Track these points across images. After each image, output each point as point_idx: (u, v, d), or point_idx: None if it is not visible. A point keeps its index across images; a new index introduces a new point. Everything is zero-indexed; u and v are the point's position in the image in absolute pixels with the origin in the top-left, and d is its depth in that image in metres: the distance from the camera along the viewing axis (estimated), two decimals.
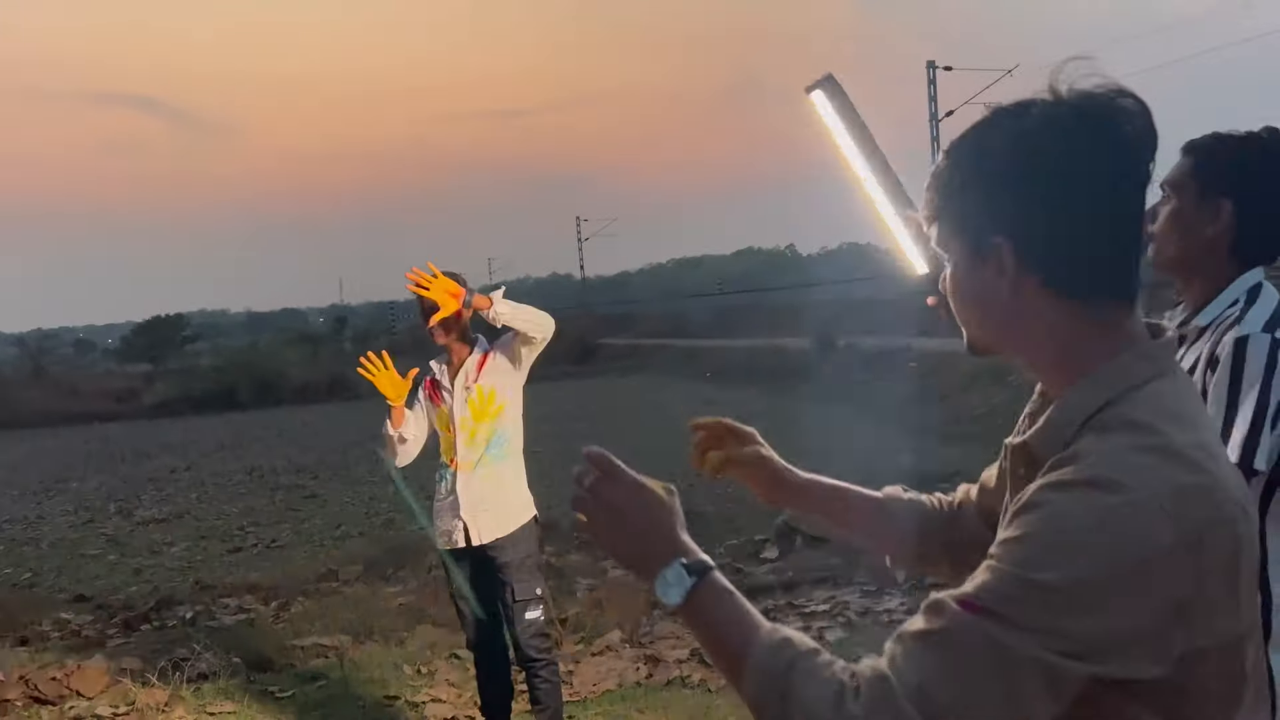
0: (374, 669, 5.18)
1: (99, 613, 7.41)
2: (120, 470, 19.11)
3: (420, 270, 3.63)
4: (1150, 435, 0.90)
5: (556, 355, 39.91)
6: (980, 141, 0.99)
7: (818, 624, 5.52)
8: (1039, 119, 0.95)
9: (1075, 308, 0.97)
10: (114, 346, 70.65)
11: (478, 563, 3.79)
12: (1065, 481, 0.89)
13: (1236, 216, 1.87)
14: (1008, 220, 0.96)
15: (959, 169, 0.99)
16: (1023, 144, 0.95)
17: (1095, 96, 0.95)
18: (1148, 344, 0.98)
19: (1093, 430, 0.93)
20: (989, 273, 0.98)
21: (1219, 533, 0.87)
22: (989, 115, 1.00)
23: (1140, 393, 0.94)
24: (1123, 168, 0.96)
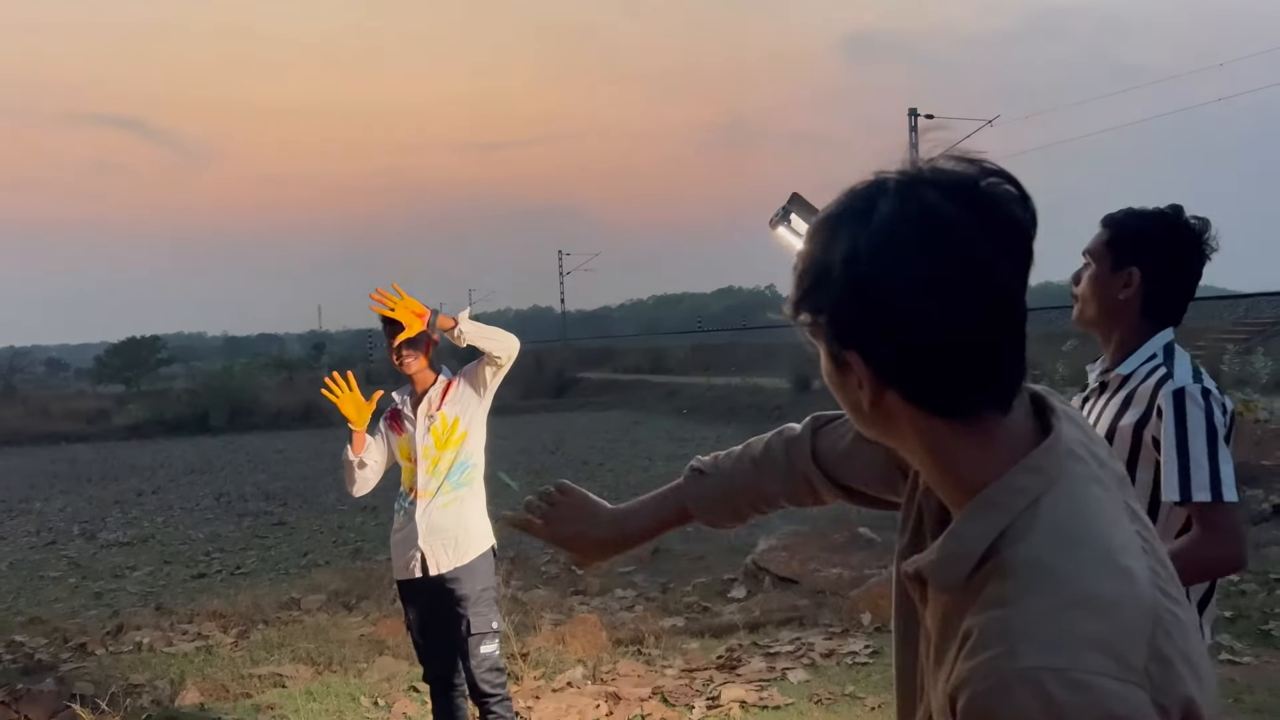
0: (331, 700, 5.10)
1: (54, 636, 7.28)
2: (86, 492, 18.86)
3: (385, 291, 3.62)
4: (1069, 581, 0.84)
5: (534, 388, 39.93)
6: (828, 242, 0.89)
7: (782, 664, 5.48)
8: (884, 223, 0.86)
9: (943, 423, 0.90)
10: (87, 367, 70.00)
11: (435, 594, 3.74)
12: (991, 674, 0.82)
13: (1144, 282, 2.15)
14: (856, 333, 0.88)
15: (808, 272, 0.91)
16: (870, 255, 0.86)
17: (944, 191, 0.86)
18: (1034, 454, 0.90)
19: (996, 573, 0.87)
20: (850, 381, 0.92)
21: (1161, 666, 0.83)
22: (838, 209, 0.90)
23: (1037, 516, 0.88)
24: (979, 268, 0.85)
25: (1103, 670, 0.80)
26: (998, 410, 0.90)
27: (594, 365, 50.60)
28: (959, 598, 0.89)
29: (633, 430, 26.54)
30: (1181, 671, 0.83)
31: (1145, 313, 2.17)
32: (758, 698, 4.95)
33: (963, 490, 0.91)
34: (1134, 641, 0.82)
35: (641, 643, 6.03)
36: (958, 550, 0.89)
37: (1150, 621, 0.84)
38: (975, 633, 0.85)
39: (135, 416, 36.61)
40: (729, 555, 8.94)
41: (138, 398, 42.84)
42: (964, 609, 0.88)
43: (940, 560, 0.91)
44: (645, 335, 75.27)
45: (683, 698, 5.01)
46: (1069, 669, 0.80)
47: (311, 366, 50.00)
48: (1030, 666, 0.80)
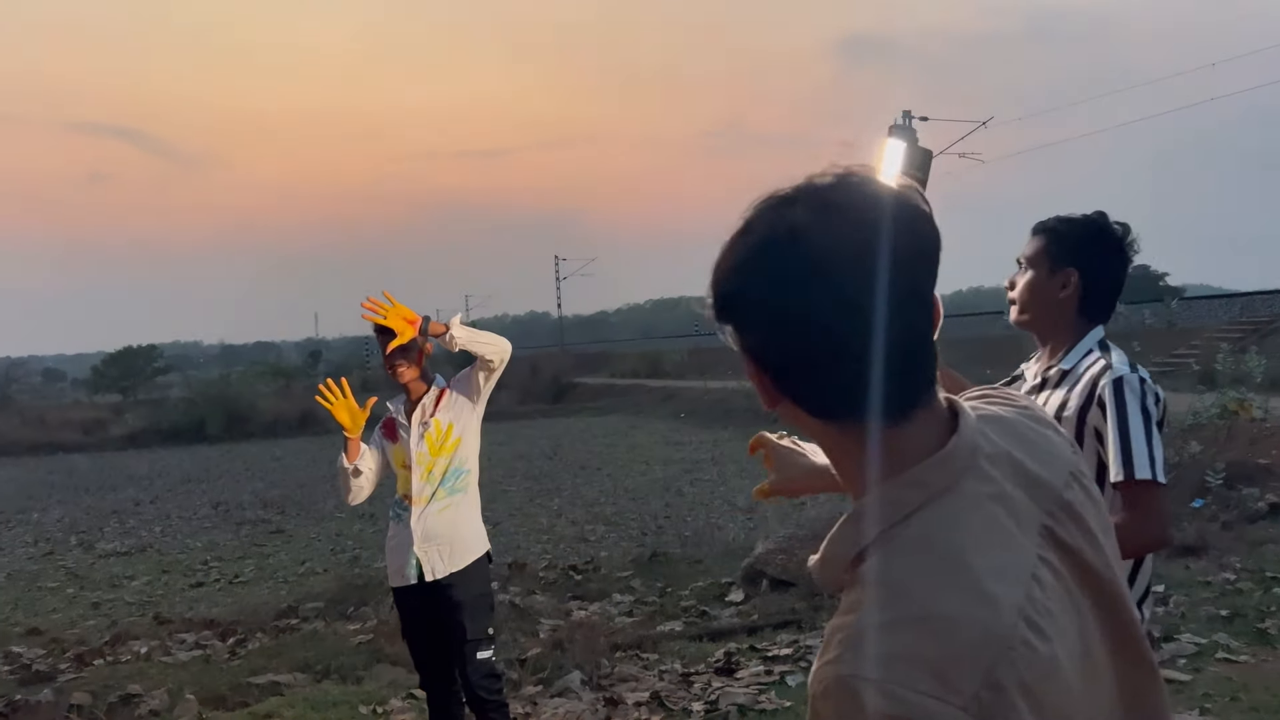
0: (329, 708, 5.10)
1: (52, 646, 7.27)
2: (84, 502, 18.84)
3: (376, 299, 3.63)
4: (910, 601, 0.85)
5: (532, 393, 39.91)
6: (718, 260, 0.94)
7: (780, 668, 5.49)
8: (756, 240, 0.90)
9: (835, 429, 0.93)
10: (84, 377, 69.91)
11: (430, 600, 3.75)
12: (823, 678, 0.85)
13: (1081, 283, 2.33)
14: (748, 342, 0.93)
15: (710, 288, 0.95)
16: (738, 272, 0.91)
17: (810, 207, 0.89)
18: (919, 468, 0.91)
19: (856, 581, 0.89)
20: (758, 384, 0.95)
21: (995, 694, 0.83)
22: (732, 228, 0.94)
23: (905, 530, 0.89)
24: (838, 287, 0.87)
25: (921, 688, 0.81)
26: (883, 420, 0.91)
27: (591, 370, 50.59)
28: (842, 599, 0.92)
29: (630, 434, 26.53)
30: (1019, 704, 0.83)
31: (1081, 312, 2.34)
32: (755, 701, 4.95)
33: (855, 495, 0.94)
34: (967, 666, 0.83)
35: (640, 647, 6.03)
36: (829, 554, 0.94)
37: (995, 649, 0.84)
38: (825, 637, 0.89)
39: (132, 426, 36.54)
40: (726, 559, 8.94)
41: (134, 407, 42.79)
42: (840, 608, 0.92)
43: (820, 562, 0.95)
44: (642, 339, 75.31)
45: (681, 702, 5.02)
46: (885, 680, 0.81)
47: (308, 374, 49.95)
48: (850, 674, 0.83)
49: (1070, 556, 0.94)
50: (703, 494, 15.25)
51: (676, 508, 14.15)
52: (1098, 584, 0.97)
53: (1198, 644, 5.35)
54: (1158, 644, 5.35)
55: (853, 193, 0.91)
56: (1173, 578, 6.68)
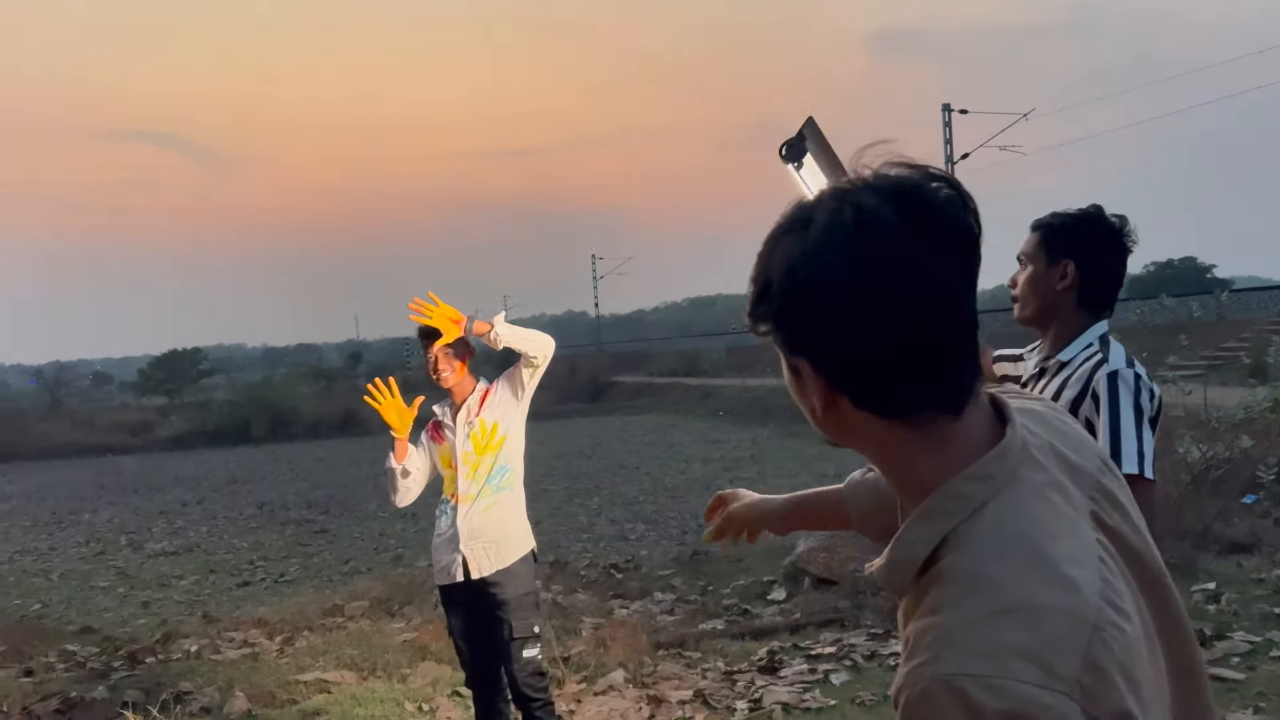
0: (376, 705, 5.15)
1: (105, 645, 7.41)
2: (132, 503, 19.17)
3: (421, 300, 3.67)
4: (998, 592, 0.85)
5: (569, 393, 40.01)
6: (770, 256, 0.91)
7: (824, 666, 5.46)
8: (820, 232, 0.87)
9: (895, 427, 0.91)
10: (131, 379, 71.09)
11: (476, 598, 3.78)
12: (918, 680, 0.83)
13: (1079, 273, 2.37)
14: (802, 342, 0.90)
15: (755, 286, 0.92)
16: (805, 264, 0.87)
17: (880, 195, 0.87)
18: (982, 461, 0.90)
19: (935, 581, 0.88)
20: (805, 388, 0.92)
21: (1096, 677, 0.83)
22: (781, 222, 0.91)
23: (977, 525, 0.88)
24: (913, 268, 0.85)
25: (1027, 678, 0.81)
26: (948, 414, 0.90)
27: (629, 369, 50.63)
28: (909, 604, 0.91)
29: (669, 433, 26.52)
30: (1119, 684, 0.83)
31: (1081, 303, 2.39)
32: (799, 700, 4.94)
33: (914, 495, 0.92)
34: (1066, 651, 0.83)
35: (682, 646, 6.04)
36: (901, 556, 0.91)
37: (1088, 632, 0.84)
38: (911, 639, 0.87)
39: (178, 428, 37.13)
40: (768, 557, 8.91)
41: (180, 409, 43.45)
42: (910, 615, 0.90)
43: (886, 565, 0.93)
44: (679, 338, 75.19)
45: (724, 700, 5.01)
46: (991, 675, 0.80)
47: (349, 375, 50.44)
48: (953, 673, 0.81)
49: (1116, 539, 0.95)
50: None
51: None
52: (1141, 564, 0.97)
53: (1251, 642, 5.26)
54: (1209, 641, 5.26)
55: (912, 177, 0.88)
56: (1224, 575, 6.57)
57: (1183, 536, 7.14)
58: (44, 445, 33.44)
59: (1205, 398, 10.37)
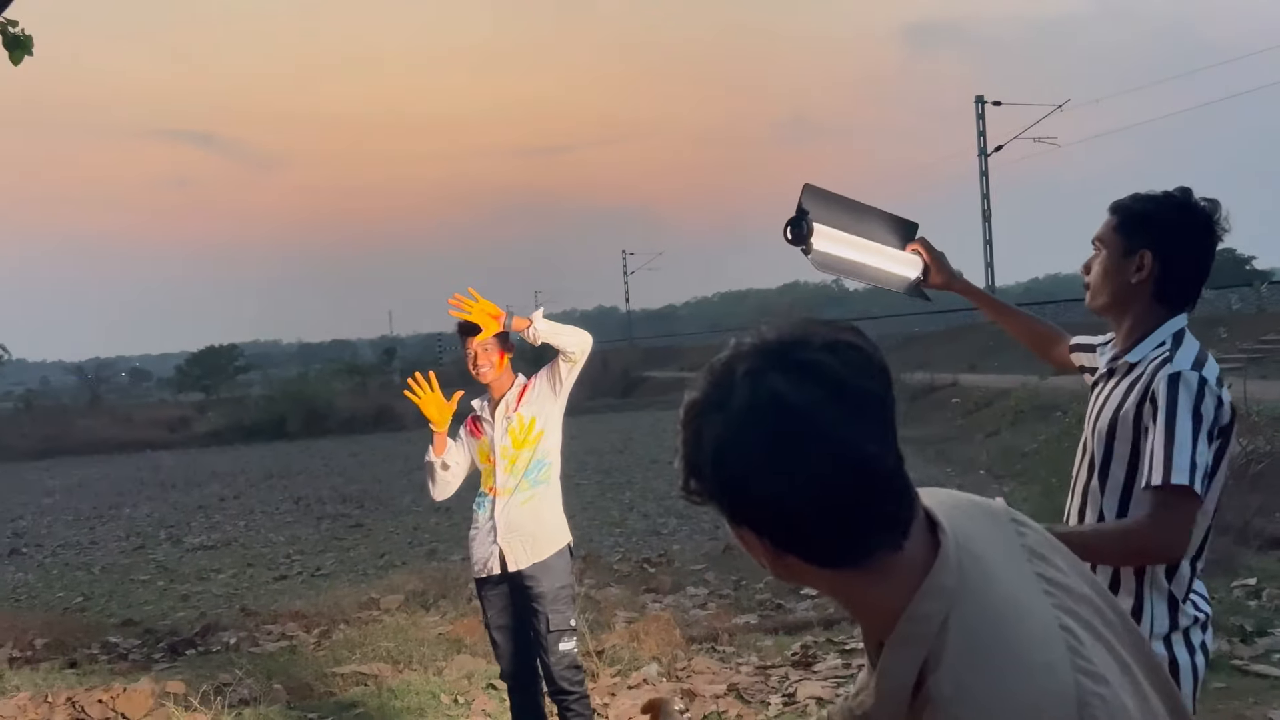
0: (411, 698, 5.20)
1: (146, 637, 7.54)
2: (171, 498, 19.45)
3: (461, 295, 3.70)
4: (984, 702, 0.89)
5: (601, 388, 40.10)
6: (697, 438, 0.94)
7: (858, 661, 5.45)
8: (738, 415, 0.91)
9: (849, 573, 0.94)
10: (168, 376, 72.05)
11: (512, 591, 3.80)
12: None
13: (1157, 265, 2.13)
14: (742, 514, 0.93)
15: (684, 469, 0.96)
16: (731, 450, 0.91)
17: (788, 375, 0.90)
18: (930, 578, 0.93)
19: (925, 706, 0.91)
20: (752, 548, 0.96)
21: None
22: (700, 398, 0.95)
23: (947, 640, 0.91)
24: (829, 444, 0.89)
25: None
26: (891, 550, 0.93)
27: (660, 364, 50.65)
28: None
29: None
30: None
31: (1158, 297, 2.15)
32: (834, 694, 4.93)
33: (879, 626, 0.95)
34: None
35: (715, 640, 6.04)
36: (889, 687, 0.94)
37: (1074, 711, 0.89)
38: None
39: (215, 424, 37.63)
40: None
41: (217, 405, 44.02)
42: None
43: (878, 701, 0.96)
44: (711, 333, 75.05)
45: (758, 695, 5.02)
46: None
47: (383, 371, 50.85)
48: None
49: (1067, 592, 0.99)
50: None
51: None
52: (1097, 606, 1.01)
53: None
54: (1250, 638, 5.19)
55: (809, 347, 0.92)
56: (1265, 570, 6.49)
57: (1223, 532, 7.05)
58: (85, 441, 34.01)
59: (1245, 391, 10.23)
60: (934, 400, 23.22)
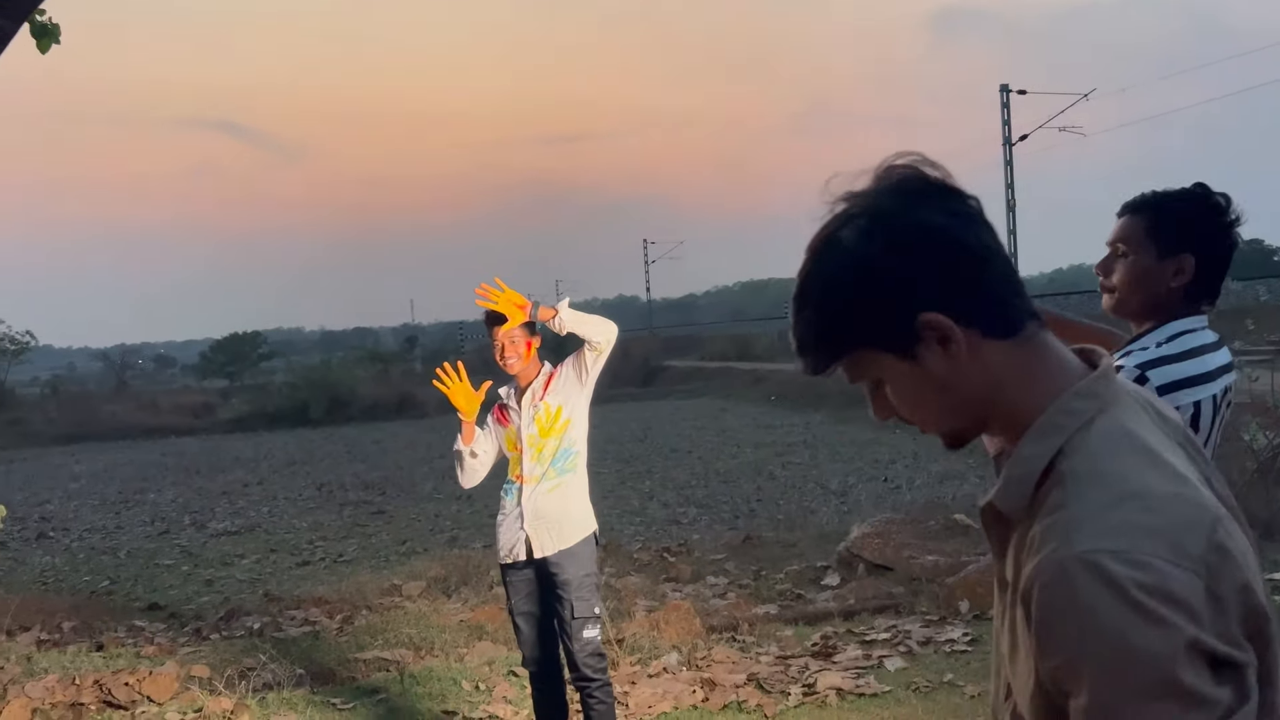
0: (433, 684, 5.23)
1: (171, 621, 7.62)
2: (195, 483, 19.61)
3: (488, 285, 3.72)
4: (1118, 482, 0.92)
5: (621, 377, 40.10)
6: (850, 254, 1.00)
7: (878, 652, 5.45)
8: (890, 203, 1.00)
9: (1012, 349, 1.00)
10: (193, 363, 72.62)
11: (538, 577, 3.82)
12: (1052, 564, 0.89)
13: (1197, 267, 2.07)
14: (925, 297, 0.98)
15: (842, 289, 1.01)
16: (897, 231, 0.99)
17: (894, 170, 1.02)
18: (1086, 381, 1.00)
19: (1055, 485, 0.95)
20: (931, 357, 0.99)
21: (1220, 555, 0.90)
22: (827, 248, 1.02)
23: (1090, 434, 0.96)
24: (969, 206, 1.01)
25: (1160, 554, 0.86)
26: (1037, 323, 1.01)
27: (680, 353, 50.63)
28: (1026, 526, 0.96)
29: (720, 417, 26.50)
30: (1239, 563, 0.90)
31: (1190, 298, 2.10)
32: (854, 685, 4.93)
33: (1024, 418, 1.00)
34: (1191, 532, 0.89)
35: (735, 629, 6.05)
36: (1019, 472, 0.98)
37: (1210, 519, 0.91)
38: (1038, 536, 0.93)
39: (239, 410, 37.91)
40: (821, 542, 8.89)
41: (240, 392, 44.34)
42: (1030, 530, 0.95)
43: (1004, 485, 0.99)
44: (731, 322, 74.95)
45: (778, 684, 5.02)
46: (1125, 550, 0.87)
47: (405, 359, 51.07)
48: (1088, 549, 0.87)
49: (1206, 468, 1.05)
50: (795, 477, 15.17)
51: (768, 491, 14.10)
52: None
53: None
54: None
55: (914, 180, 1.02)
56: None
57: (1249, 525, 6.99)
58: (111, 426, 34.35)
59: (1273, 383, 10.11)
60: None
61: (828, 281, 1.01)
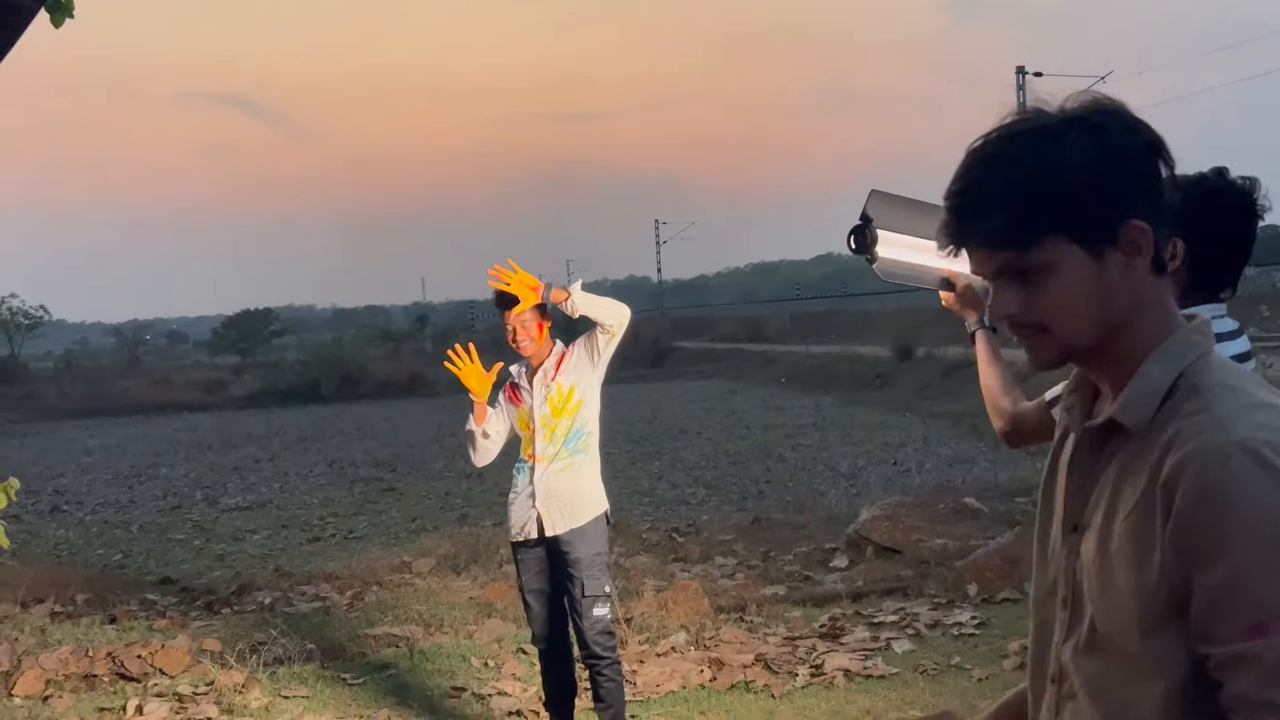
0: (442, 660, 5.27)
1: (183, 595, 7.68)
2: (207, 459, 19.74)
3: (500, 266, 3.71)
4: (1250, 394, 1.01)
5: (631, 358, 40.13)
6: (1110, 140, 1.04)
7: (886, 634, 5.46)
8: (1116, 117, 1.05)
9: (1156, 284, 1.07)
10: (205, 339, 72.90)
11: (549, 555, 3.84)
12: (1209, 450, 0.96)
13: (1189, 254, 1.97)
14: (1143, 207, 1.04)
15: (1090, 167, 1.02)
16: (1154, 140, 1.05)
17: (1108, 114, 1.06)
18: (1198, 322, 1.08)
19: (1187, 396, 1.03)
20: (1114, 264, 1.04)
21: None
22: (1086, 116, 1.05)
23: (1209, 361, 1.05)
24: (1161, 151, 1.07)
25: None
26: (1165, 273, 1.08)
27: (690, 334, 50.61)
28: (1142, 442, 1.03)
29: (730, 399, 26.50)
30: None
31: (1194, 286, 2.02)
32: (862, 667, 4.94)
33: (1143, 347, 1.06)
34: None
35: (743, 610, 6.06)
36: (1145, 389, 1.04)
37: None
38: (1181, 431, 0.99)
39: (251, 386, 38.11)
40: (830, 524, 8.90)
41: (253, 368, 44.52)
42: (1149, 447, 1.02)
43: (1130, 400, 1.05)
44: (742, 304, 74.84)
45: (786, 665, 5.03)
46: (1277, 442, 0.95)
47: (416, 338, 51.21)
48: (1246, 437, 0.95)
49: None
50: (804, 459, 15.19)
51: (778, 473, 14.12)
52: None
53: None
54: None
55: None
56: None
57: None
58: (124, 401, 34.55)
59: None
60: (970, 374, 23.00)
61: (1078, 156, 1.02)
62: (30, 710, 4.69)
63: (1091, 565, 1.06)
